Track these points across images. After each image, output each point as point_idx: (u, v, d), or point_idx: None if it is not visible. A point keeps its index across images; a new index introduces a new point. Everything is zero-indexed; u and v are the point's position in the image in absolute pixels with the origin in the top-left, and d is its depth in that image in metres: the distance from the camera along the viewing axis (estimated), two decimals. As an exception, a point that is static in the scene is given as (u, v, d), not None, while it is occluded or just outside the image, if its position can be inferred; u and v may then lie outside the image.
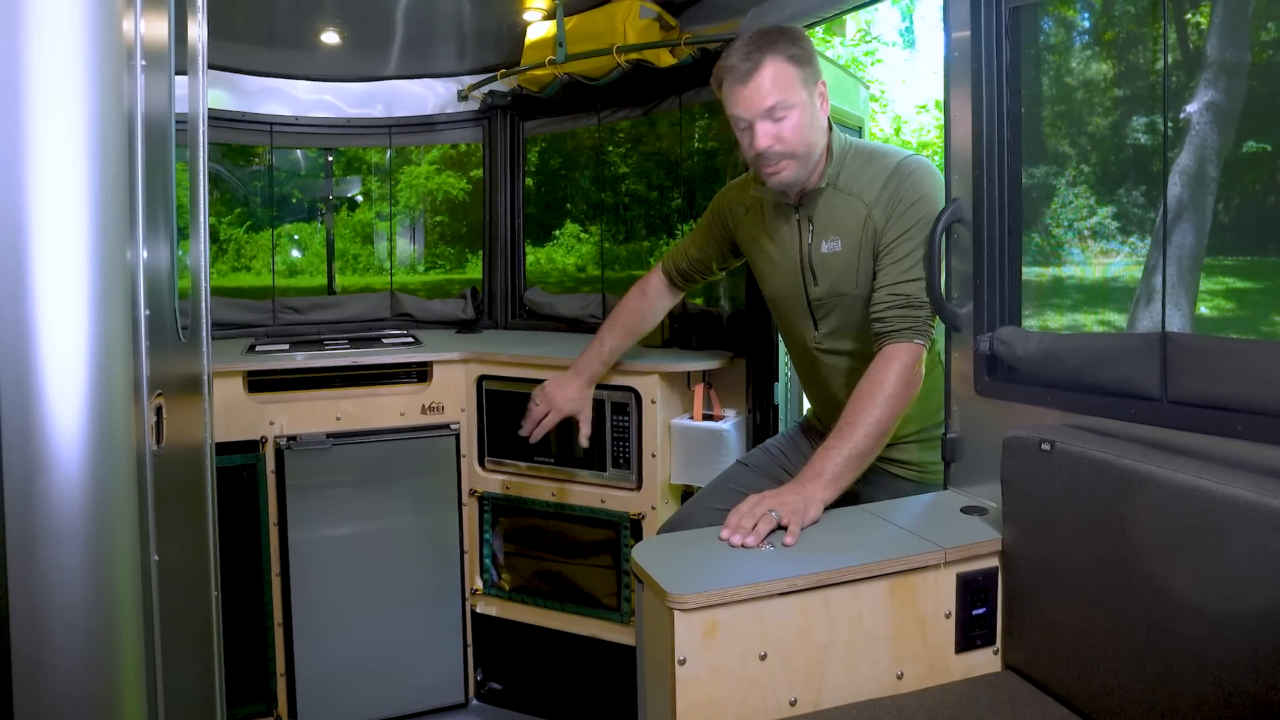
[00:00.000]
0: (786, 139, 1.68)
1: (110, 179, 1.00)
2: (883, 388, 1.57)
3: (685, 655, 1.23)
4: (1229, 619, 1.07)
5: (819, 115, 1.72)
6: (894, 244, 1.68)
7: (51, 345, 0.95)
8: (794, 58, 1.66)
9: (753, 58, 1.65)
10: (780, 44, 1.66)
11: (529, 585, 2.81)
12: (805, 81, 1.68)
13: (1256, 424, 1.16)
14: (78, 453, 0.98)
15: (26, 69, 0.92)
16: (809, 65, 1.69)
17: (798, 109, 1.67)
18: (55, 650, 0.99)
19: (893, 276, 1.66)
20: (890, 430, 1.59)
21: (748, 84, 1.66)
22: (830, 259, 1.78)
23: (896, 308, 1.63)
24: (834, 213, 1.77)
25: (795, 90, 1.66)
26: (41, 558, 0.97)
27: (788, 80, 1.66)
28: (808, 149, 1.71)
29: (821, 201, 1.78)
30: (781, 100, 1.66)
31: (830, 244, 1.77)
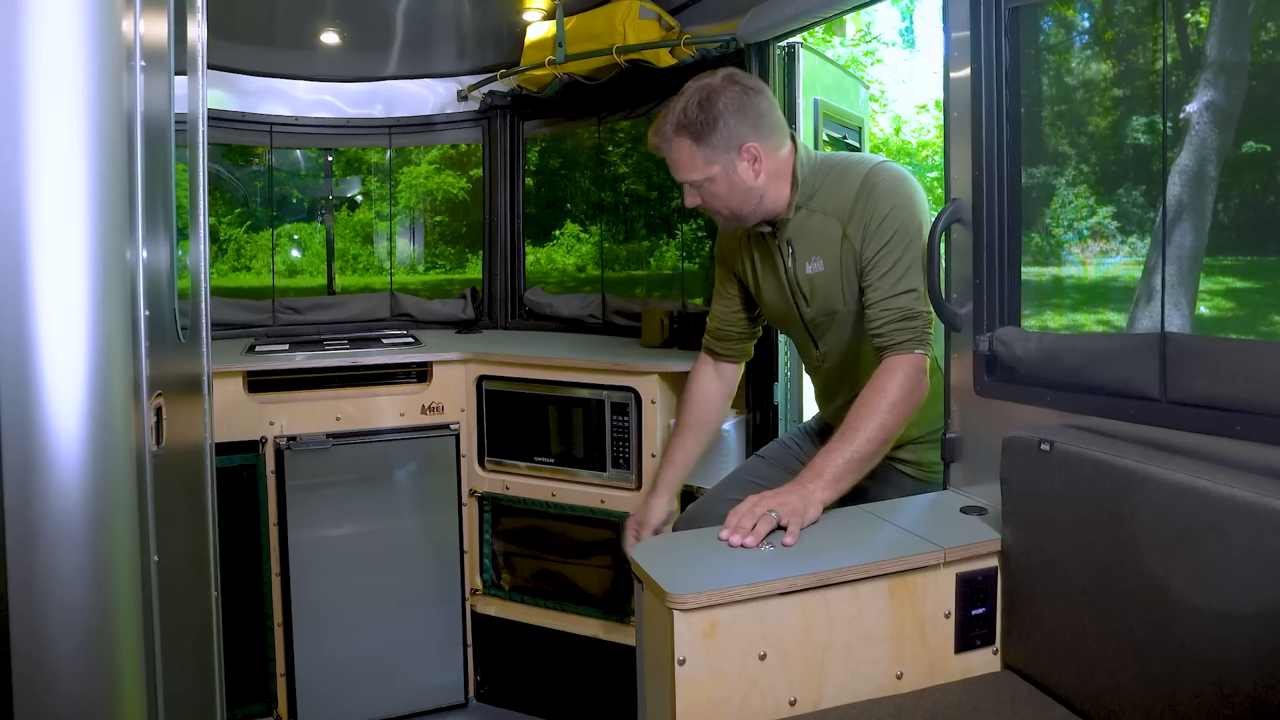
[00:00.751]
0: (711, 205, 1.75)
1: (110, 179, 0.99)
2: (886, 395, 1.58)
3: (685, 655, 1.23)
4: (1228, 619, 1.07)
5: (742, 178, 1.71)
6: (876, 259, 1.67)
7: (51, 345, 0.95)
8: (700, 136, 1.67)
9: (664, 134, 1.72)
10: (690, 120, 1.67)
11: (529, 585, 2.81)
12: (716, 155, 1.68)
13: (1256, 424, 1.16)
14: (77, 453, 0.98)
15: (26, 69, 0.92)
16: (720, 136, 1.67)
17: (713, 181, 1.71)
18: (55, 650, 0.99)
19: (883, 291, 1.65)
20: (893, 436, 1.59)
21: (666, 158, 1.75)
22: (815, 279, 1.78)
23: (892, 321, 1.63)
24: (811, 234, 1.77)
25: (703, 168, 1.70)
26: (41, 558, 0.97)
27: (693, 161, 1.70)
28: (737, 209, 1.75)
29: (796, 225, 1.78)
30: (691, 179, 1.72)
31: (813, 265, 1.77)
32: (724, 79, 1.70)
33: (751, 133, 1.69)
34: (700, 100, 1.68)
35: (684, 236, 3.13)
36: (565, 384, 2.66)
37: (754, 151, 1.69)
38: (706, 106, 1.67)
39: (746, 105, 1.68)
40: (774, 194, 1.75)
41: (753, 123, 1.69)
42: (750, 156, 1.70)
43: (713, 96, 1.67)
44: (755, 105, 1.70)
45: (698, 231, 3.11)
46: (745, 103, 1.68)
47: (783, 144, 1.75)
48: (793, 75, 2.48)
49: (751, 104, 1.69)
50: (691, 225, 3.12)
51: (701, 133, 1.67)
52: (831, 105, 2.68)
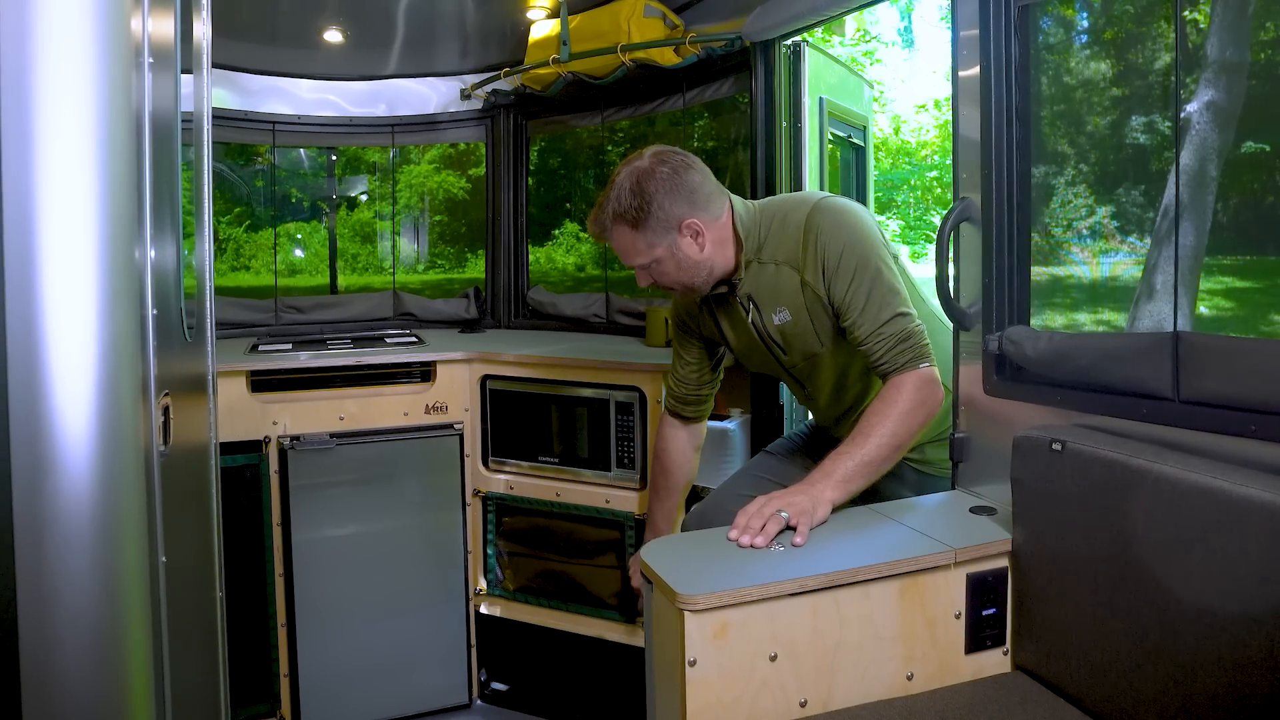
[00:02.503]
0: (663, 283, 1.78)
1: (119, 178, 0.99)
2: (897, 405, 1.57)
3: (696, 656, 1.23)
4: (1243, 619, 1.06)
5: (687, 254, 1.71)
6: (848, 299, 1.65)
7: (60, 345, 0.94)
8: (638, 223, 1.68)
9: (603, 224, 1.73)
10: (624, 209, 1.68)
11: (533, 585, 2.80)
12: (657, 237, 1.69)
13: (1270, 423, 1.16)
14: (86, 453, 0.97)
15: (36, 66, 0.92)
16: (657, 219, 1.67)
17: (659, 261, 1.73)
18: (63, 651, 0.98)
19: (868, 327, 1.63)
20: (905, 445, 1.58)
21: (610, 245, 1.77)
22: (786, 329, 1.78)
23: (889, 349, 1.62)
24: (769, 286, 1.77)
25: (646, 252, 1.71)
26: (50, 558, 0.96)
27: (636, 247, 1.72)
28: (688, 281, 1.76)
29: (752, 280, 1.78)
30: (637, 263, 1.74)
31: (780, 316, 1.77)
32: (651, 159, 1.70)
33: (688, 209, 1.69)
34: (631, 186, 1.68)
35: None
36: (569, 383, 2.65)
37: (694, 227, 1.70)
38: (639, 192, 1.67)
39: (678, 183, 1.68)
40: (722, 259, 1.76)
41: (687, 198, 1.69)
42: (692, 232, 1.70)
43: (643, 180, 1.67)
44: (687, 181, 1.69)
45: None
46: (676, 181, 1.68)
47: (721, 210, 1.75)
48: (798, 74, 2.47)
49: (683, 180, 1.69)
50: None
51: (638, 219, 1.68)
52: (836, 104, 2.68)
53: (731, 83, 2.78)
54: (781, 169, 2.49)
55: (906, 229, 13.13)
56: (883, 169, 12.85)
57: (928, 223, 12.95)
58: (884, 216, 12.59)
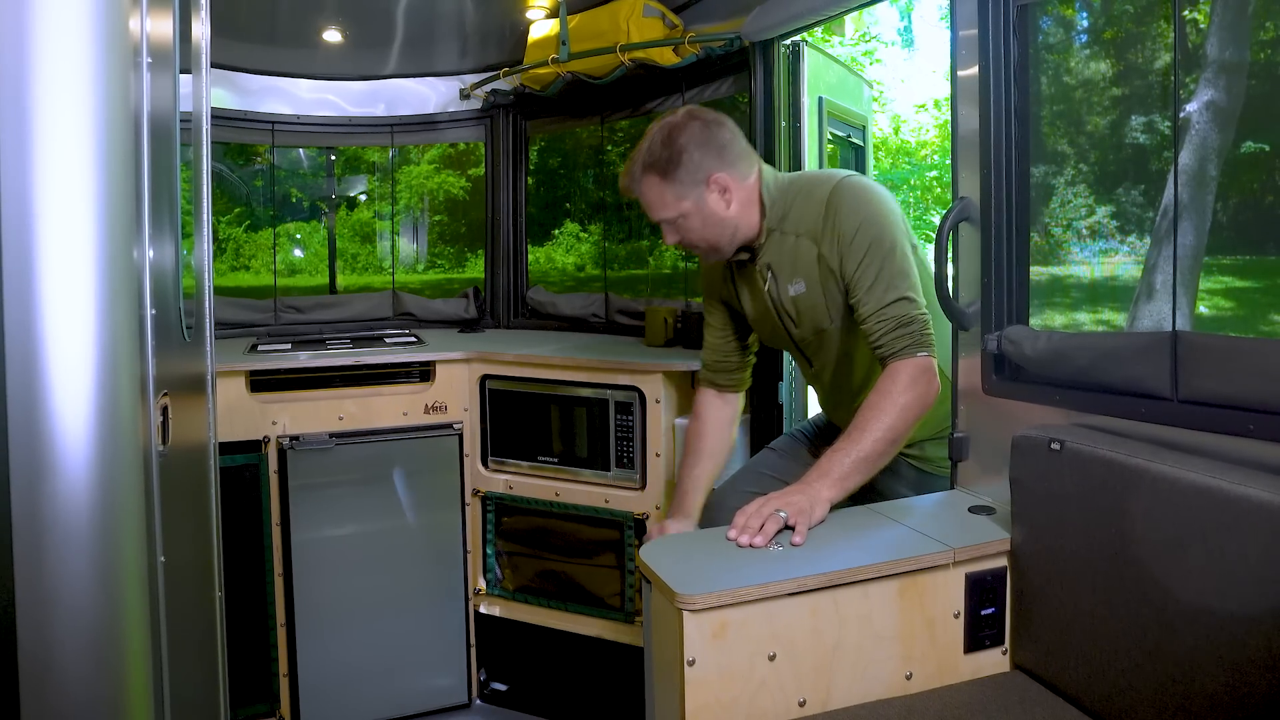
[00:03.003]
0: (688, 240, 1.78)
1: (117, 177, 0.99)
2: (892, 397, 1.57)
3: (694, 656, 1.23)
4: (1242, 619, 1.06)
5: (714, 210, 1.73)
6: (857, 276, 1.67)
7: (59, 344, 0.94)
8: (667, 173, 1.70)
9: (632, 175, 1.75)
10: (655, 159, 1.70)
11: (532, 585, 2.80)
12: (685, 190, 1.71)
13: (1269, 423, 1.16)
14: (85, 453, 0.97)
15: (34, 66, 0.92)
16: (686, 171, 1.69)
17: (685, 216, 1.73)
18: (62, 651, 0.98)
19: (872, 305, 1.64)
20: (902, 438, 1.58)
21: (639, 199, 1.78)
22: (799, 300, 1.79)
23: (889, 331, 1.62)
24: (788, 256, 1.78)
25: (674, 205, 1.73)
26: (49, 558, 0.96)
27: (664, 199, 1.73)
28: (713, 240, 1.77)
29: (772, 248, 1.79)
30: (664, 217, 1.75)
31: (795, 286, 1.78)
32: (685, 115, 1.73)
33: (717, 163, 1.71)
34: (663, 139, 1.70)
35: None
36: (569, 383, 2.65)
37: (722, 182, 1.71)
38: (669, 143, 1.69)
39: (709, 137, 1.71)
40: (747, 221, 1.77)
41: (717, 153, 1.71)
42: (719, 187, 1.72)
43: (674, 133, 1.70)
44: (718, 136, 1.72)
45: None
46: (708, 135, 1.71)
47: (750, 171, 1.76)
48: (797, 74, 2.47)
49: (714, 135, 1.71)
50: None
51: (668, 169, 1.70)
52: (836, 104, 2.68)
53: (731, 83, 2.77)
54: (781, 169, 2.49)
55: (906, 229, 13.10)
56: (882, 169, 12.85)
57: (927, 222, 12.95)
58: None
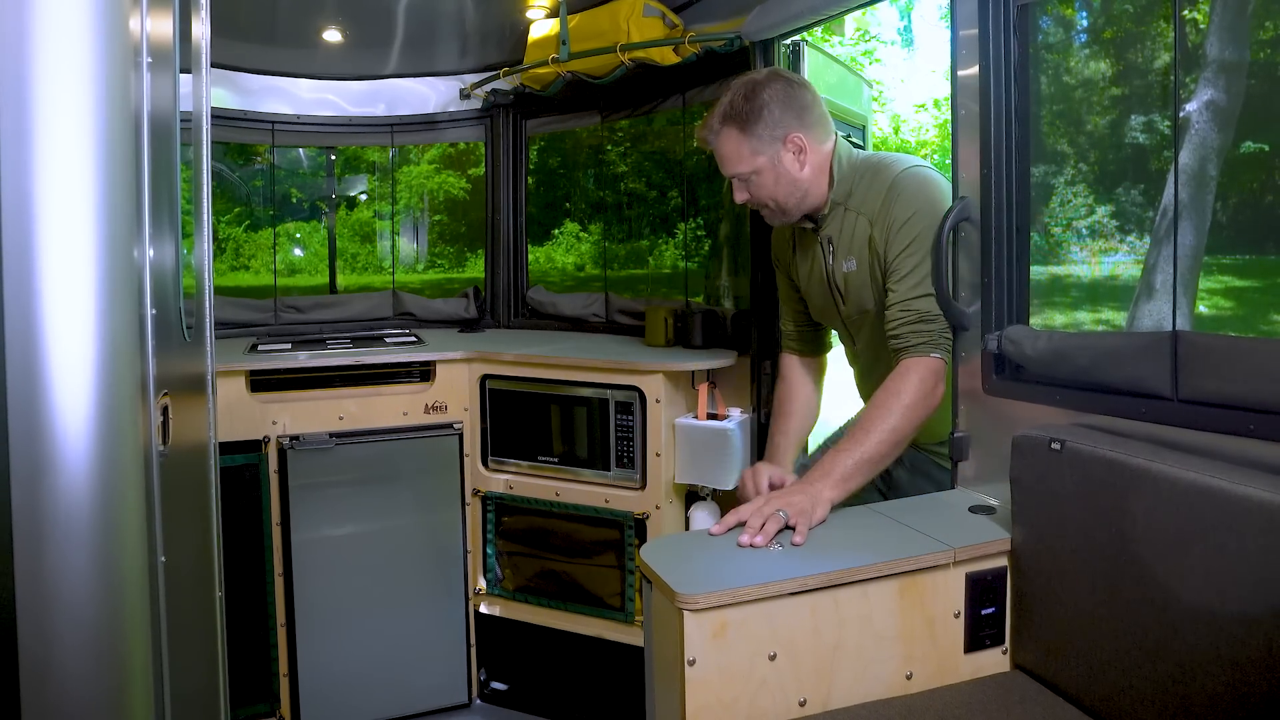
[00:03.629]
0: (758, 197, 1.78)
1: (118, 177, 0.99)
2: (899, 398, 1.57)
3: (695, 656, 1.23)
4: (1242, 619, 1.06)
5: (788, 170, 1.74)
6: (896, 263, 1.68)
7: (60, 344, 0.94)
8: (747, 127, 1.70)
9: (711, 127, 1.76)
10: (736, 111, 1.71)
11: (532, 585, 2.80)
12: (763, 145, 1.72)
13: (1269, 423, 1.16)
14: (85, 453, 0.97)
15: (35, 66, 0.92)
16: (766, 126, 1.70)
17: (759, 173, 1.74)
18: (63, 651, 0.98)
19: (901, 294, 1.66)
20: (905, 440, 1.58)
21: (715, 152, 1.79)
22: (851, 278, 1.80)
23: (908, 323, 1.63)
24: (847, 232, 1.79)
25: (750, 159, 1.73)
26: (49, 558, 0.96)
27: (740, 153, 1.73)
28: (783, 200, 1.77)
29: (835, 222, 1.80)
30: (738, 171, 1.75)
31: (849, 264, 1.79)
32: (769, 74, 1.75)
33: (796, 123, 1.72)
34: (746, 92, 1.71)
35: (684, 236, 3.12)
36: (569, 383, 2.65)
37: (799, 142, 1.72)
38: (752, 98, 1.70)
39: (791, 97, 1.72)
40: (817, 187, 1.78)
41: (797, 113, 1.72)
42: (795, 147, 1.73)
43: (758, 89, 1.71)
44: (800, 97, 1.73)
45: (696, 231, 3.11)
46: (790, 94, 1.72)
47: (826, 138, 1.77)
48: (797, 73, 2.47)
49: (796, 96, 1.72)
50: (691, 225, 3.11)
51: (748, 122, 1.70)
52: (835, 104, 2.68)
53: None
54: (781, 168, 2.49)
55: (906, 228, 13.11)
56: (882, 168, 12.82)
57: (927, 222, 12.93)
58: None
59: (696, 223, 3.09)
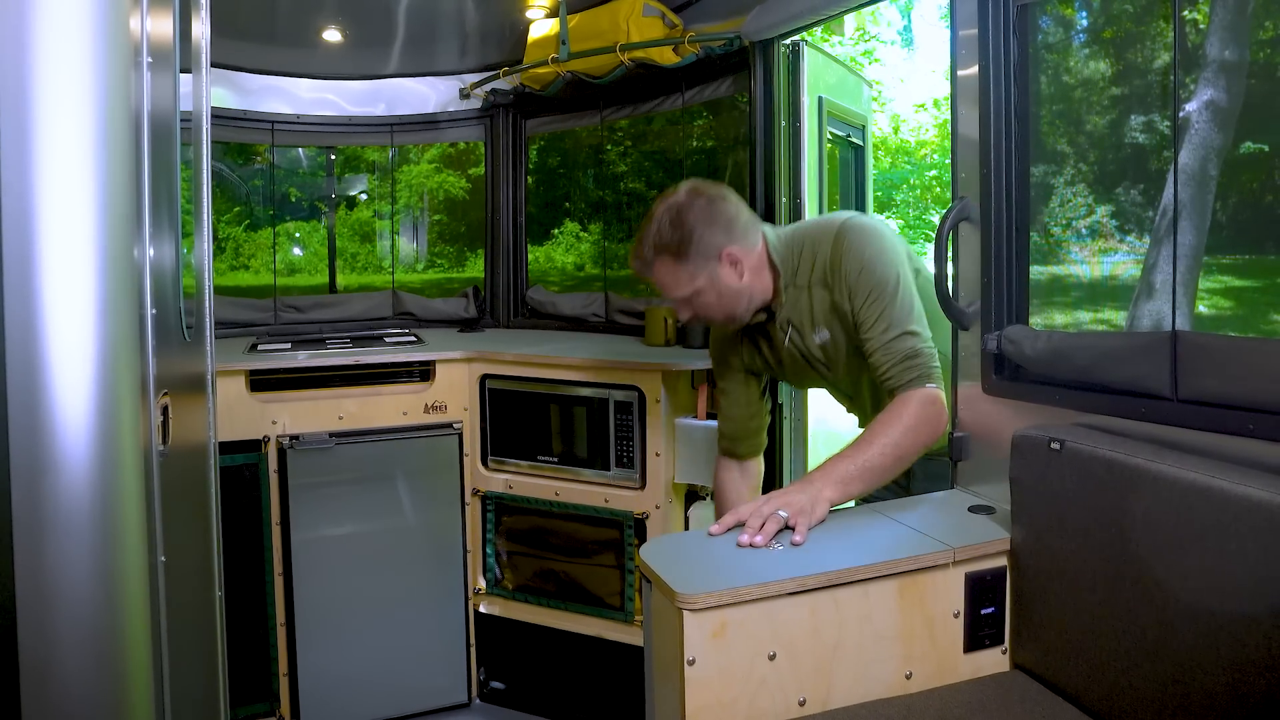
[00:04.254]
0: (704, 314, 1.79)
1: (118, 177, 0.99)
2: (902, 418, 1.58)
3: (694, 655, 1.23)
4: (1242, 619, 1.06)
5: (728, 284, 1.74)
6: (863, 315, 1.68)
7: (59, 344, 0.94)
8: (679, 253, 1.70)
9: (644, 258, 1.75)
10: (665, 241, 1.70)
11: (532, 585, 2.80)
12: (698, 267, 1.71)
13: (1269, 423, 1.16)
14: (85, 452, 0.97)
15: (35, 66, 0.92)
16: (697, 249, 1.70)
17: (700, 293, 1.74)
18: (63, 651, 0.98)
19: (879, 341, 1.66)
20: (908, 458, 1.58)
21: (652, 281, 1.78)
22: (828, 348, 1.80)
23: (895, 364, 1.63)
24: (805, 309, 1.79)
25: (688, 283, 1.73)
26: (49, 558, 0.96)
27: (678, 279, 1.73)
28: (729, 310, 1.78)
29: (790, 304, 1.81)
30: (680, 295, 1.75)
31: (820, 335, 1.79)
32: (687, 194, 1.74)
33: (726, 238, 1.72)
34: (671, 219, 1.71)
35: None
36: (569, 383, 2.65)
37: (733, 255, 1.72)
38: (678, 224, 1.70)
39: (715, 213, 1.71)
40: (760, 287, 1.78)
41: (725, 228, 1.72)
42: (731, 260, 1.72)
43: (682, 213, 1.71)
44: (723, 211, 1.72)
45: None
46: (714, 211, 1.71)
47: (756, 239, 1.77)
48: (797, 73, 2.47)
49: (720, 210, 1.72)
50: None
51: (680, 250, 1.70)
52: (835, 103, 2.68)
53: (730, 82, 2.78)
54: (780, 168, 2.49)
55: (905, 228, 13.12)
56: (881, 168, 12.85)
57: (927, 222, 12.95)
58: (883, 215, 12.59)
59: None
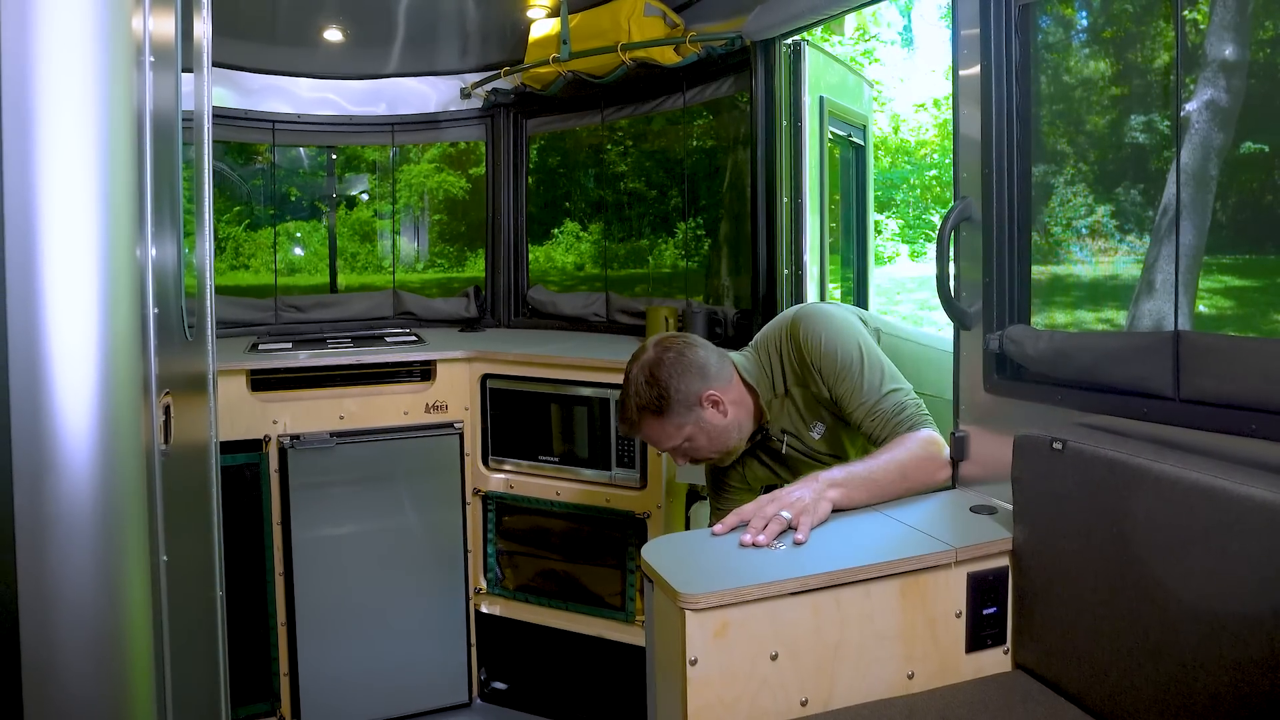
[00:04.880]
0: (700, 456, 1.84)
1: (120, 176, 0.99)
2: (906, 445, 1.60)
3: (696, 655, 1.22)
4: (1244, 618, 1.06)
5: (715, 424, 1.77)
6: (839, 392, 1.71)
7: (62, 344, 0.94)
8: (661, 410, 1.74)
9: (630, 421, 1.79)
10: (645, 400, 1.74)
11: (533, 584, 2.80)
12: (683, 418, 1.75)
13: (1271, 423, 1.16)
14: (88, 452, 0.97)
15: (38, 65, 0.92)
16: (678, 401, 1.73)
17: (690, 440, 1.78)
18: (65, 650, 0.98)
19: (863, 410, 1.68)
20: (911, 482, 1.59)
21: (641, 438, 1.83)
22: (829, 437, 1.82)
23: (886, 423, 1.66)
24: (792, 413, 1.83)
25: (676, 434, 1.77)
26: (51, 557, 0.96)
27: (666, 432, 1.77)
28: (723, 447, 1.82)
29: (778, 416, 1.84)
30: (671, 446, 1.80)
31: (815, 430, 1.82)
32: (656, 350, 1.78)
33: (702, 383, 1.75)
34: (646, 378, 1.75)
35: (684, 235, 3.12)
36: (570, 382, 2.65)
37: (713, 398, 1.76)
38: (654, 382, 1.74)
39: (686, 363, 1.75)
40: (746, 415, 1.82)
41: (699, 374, 1.75)
42: (712, 402, 1.76)
43: (654, 370, 1.75)
44: (694, 358, 1.76)
45: (696, 230, 3.11)
46: (684, 361, 1.75)
47: (729, 373, 1.81)
48: (798, 73, 2.47)
49: (690, 359, 1.76)
50: (691, 224, 3.11)
51: (661, 407, 1.74)
52: (837, 103, 2.68)
53: (731, 82, 2.77)
54: (782, 168, 2.49)
55: (906, 228, 13.12)
56: (882, 168, 12.84)
57: (927, 222, 12.94)
58: (883, 215, 12.59)
59: (696, 222, 3.09)
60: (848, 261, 3.06)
